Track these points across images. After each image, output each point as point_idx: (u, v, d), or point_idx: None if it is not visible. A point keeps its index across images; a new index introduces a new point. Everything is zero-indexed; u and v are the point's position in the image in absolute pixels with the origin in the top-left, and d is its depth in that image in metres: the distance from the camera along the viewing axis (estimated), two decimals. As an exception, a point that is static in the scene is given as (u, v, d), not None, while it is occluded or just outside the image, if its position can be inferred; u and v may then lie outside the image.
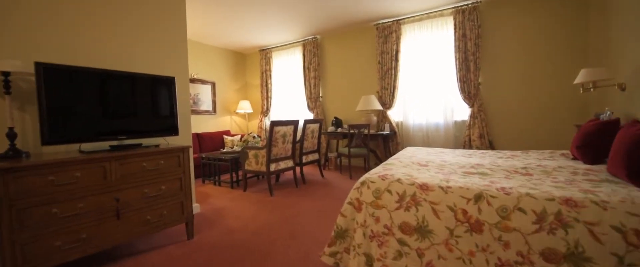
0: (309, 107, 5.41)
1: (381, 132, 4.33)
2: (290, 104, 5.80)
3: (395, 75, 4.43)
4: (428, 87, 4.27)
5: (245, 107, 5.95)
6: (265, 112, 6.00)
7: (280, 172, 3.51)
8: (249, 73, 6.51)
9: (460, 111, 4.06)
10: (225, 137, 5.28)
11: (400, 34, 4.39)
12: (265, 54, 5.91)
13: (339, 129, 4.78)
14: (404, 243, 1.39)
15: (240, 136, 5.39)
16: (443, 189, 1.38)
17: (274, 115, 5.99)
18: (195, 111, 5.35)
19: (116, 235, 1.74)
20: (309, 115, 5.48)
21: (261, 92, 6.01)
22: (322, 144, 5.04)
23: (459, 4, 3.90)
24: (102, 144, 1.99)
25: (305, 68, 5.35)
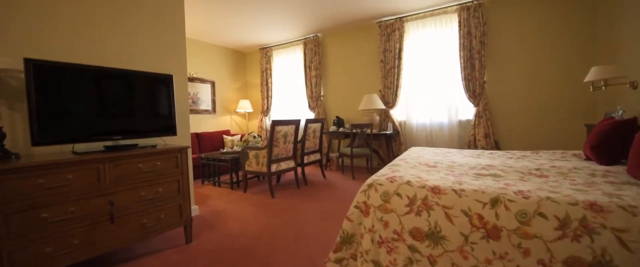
0: (310, 106, 5.32)
1: (384, 132, 4.25)
2: (291, 104, 5.72)
3: (398, 74, 4.35)
4: (432, 86, 4.18)
5: (245, 106, 5.86)
6: (266, 111, 5.92)
7: (281, 173, 3.42)
8: (249, 72, 6.42)
9: (465, 110, 3.98)
10: (225, 137, 5.20)
11: (404, 31, 4.30)
12: (265, 52, 5.82)
13: (340, 129, 4.70)
14: (415, 250, 1.31)
15: (240, 136, 5.31)
16: (456, 192, 1.30)
17: (275, 115, 5.91)
18: (195, 111, 5.26)
19: (111, 240, 1.66)
20: (310, 115, 5.40)
21: (261, 91, 5.93)
22: (323, 144, 4.96)
23: (463, 1, 3.82)
24: (96, 145, 1.91)
25: (306, 67, 5.26)
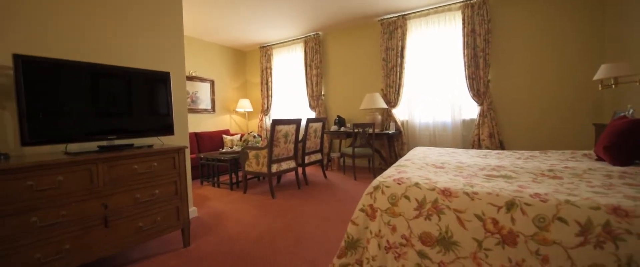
0: (310, 105, 5.25)
1: (386, 132, 4.18)
2: (291, 103, 5.64)
3: (401, 72, 4.28)
4: (435, 85, 4.11)
5: (245, 105, 5.79)
6: (266, 110, 5.85)
7: (282, 174, 3.35)
8: (249, 71, 6.35)
9: (469, 109, 3.91)
10: (224, 136, 5.13)
11: (406, 29, 4.23)
12: (265, 51, 5.75)
13: (342, 128, 4.62)
14: (424, 256, 1.24)
15: (240, 136, 5.24)
16: (468, 195, 1.23)
17: (275, 114, 5.84)
18: (194, 110, 5.19)
19: (104, 245, 1.59)
20: (310, 114, 5.33)
21: (261, 90, 5.85)
22: (324, 144, 4.89)
23: (467, -2, 3.75)
24: (90, 145, 1.84)
25: (307, 65, 5.19)
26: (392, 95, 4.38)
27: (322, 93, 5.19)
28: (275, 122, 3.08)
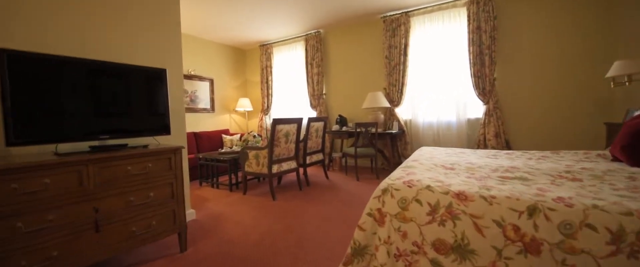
0: (311, 104, 5.16)
1: (389, 131, 4.09)
2: (292, 102, 5.55)
3: (404, 70, 4.19)
4: (439, 83, 4.02)
5: (245, 105, 5.70)
6: (266, 110, 5.76)
7: (282, 174, 3.26)
8: (248, 69, 6.26)
9: (474, 108, 3.82)
10: (224, 136, 5.04)
11: (410, 26, 4.14)
12: (265, 49, 5.65)
13: (344, 128, 4.53)
14: (438, 264, 1.15)
15: (239, 135, 5.15)
16: (486, 199, 1.14)
17: (275, 114, 5.75)
18: (193, 109, 5.10)
19: (95, 251, 1.50)
20: (311, 113, 5.24)
21: (261, 89, 5.76)
22: (325, 144, 4.80)
23: (473, -6, 3.66)
24: (81, 145, 1.74)
25: (308, 64, 5.10)
26: (395, 94, 4.28)
27: (324, 92, 5.09)
28: (276, 122, 2.99)
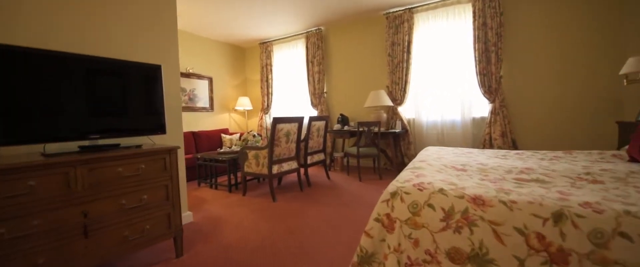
0: (312, 103, 5.07)
1: (392, 130, 3.99)
2: (292, 101, 5.46)
3: (407, 68, 4.09)
4: (444, 82, 3.92)
5: (244, 103, 5.60)
6: (266, 109, 5.66)
7: (283, 175, 3.17)
8: (248, 68, 6.16)
9: (480, 107, 3.73)
10: (223, 135, 4.95)
11: (413, 23, 4.04)
12: (265, 47, 5.56)
13: (345, 127, 4.44)
14: (453, 275, 1.06)
15: (239, 135, 5.05)
16: (505, 204, 1.05)
17: (275, 113, 5.65)
18: (192, 108, 5.00)
19: (84, 258, 1.40)
20: (312, 112, 5.14)
21: (261, 88, 5.67)
22: (327, 143, 4.70)
23: (478, -10, 3.56)
24: (71, 145, 1.65)
25: (309, 62, 5.00)
26: (398, 93, 4.19)
27: (325, 90, 5.00)
28: (276, 121, 2.90)
